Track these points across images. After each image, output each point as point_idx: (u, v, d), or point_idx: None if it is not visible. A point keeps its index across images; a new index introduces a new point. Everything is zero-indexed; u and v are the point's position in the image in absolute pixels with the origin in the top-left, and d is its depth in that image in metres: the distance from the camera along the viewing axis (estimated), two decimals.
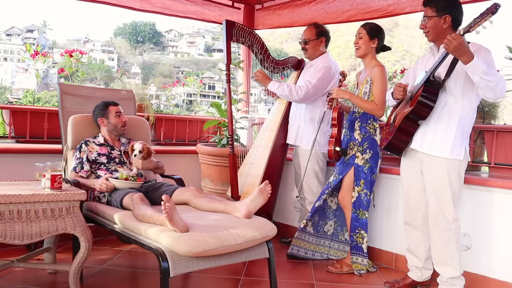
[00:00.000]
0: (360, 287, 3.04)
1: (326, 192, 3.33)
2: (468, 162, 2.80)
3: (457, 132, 2.66)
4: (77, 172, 3.01)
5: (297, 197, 3.49)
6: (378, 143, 3.19)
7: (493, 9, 2.32)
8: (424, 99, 2.64)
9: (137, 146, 3.09)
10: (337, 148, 3.20)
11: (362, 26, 3.25)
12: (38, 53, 4.18)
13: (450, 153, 2.66)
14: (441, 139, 2.68)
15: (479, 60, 2.43)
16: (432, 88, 2.64)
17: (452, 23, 2.68)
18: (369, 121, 3.20)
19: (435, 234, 2.77)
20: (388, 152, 3.01)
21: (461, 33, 2.43)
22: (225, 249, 2.29)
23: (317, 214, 3.41)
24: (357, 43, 3.24)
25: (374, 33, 3.19)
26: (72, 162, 3.07)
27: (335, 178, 3.29)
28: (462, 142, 2.68)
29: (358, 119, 3.23)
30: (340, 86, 3.26)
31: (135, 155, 3.07)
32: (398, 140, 2.83)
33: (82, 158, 3.04)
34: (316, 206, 3.33)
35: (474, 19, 2.39)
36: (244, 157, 3.76)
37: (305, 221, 3.40)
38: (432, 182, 2.75)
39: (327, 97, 3.29)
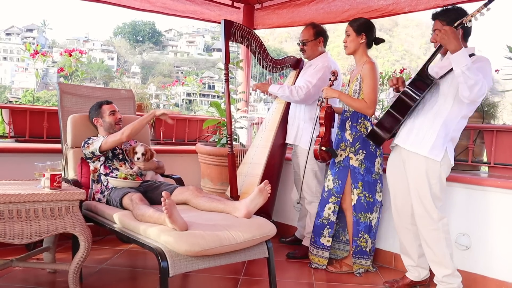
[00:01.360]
0: (360, 286, 3.05)
1: (330, 201, 3.26)
2: (452, 167, 2.79)
3: (440, 132, 2.65)
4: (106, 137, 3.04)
5: (298, 203, 3.48)
6: (371, 142, 3.18)
7: (487, 3, 2.36)
8: (409, 90, 2.65)
9: (140, 149, 3.08)
10: (323, 148, 3.18)
11: (349, 23, 3.23)
12: (38, 53, 4.18)
13: (429, 152, 2.66)
14: (423, 137, 2.70)
15: (466, 55, 2.44)
16: (420, 81, 2.64)
17: (464, 34, 2.67)
18: (360, 121, 3.19)
19: (425, 234, 2.78)
20: (371, 142, 3.01)
21: (455, 24, 2.47)
22: (224, 249, 2.29)
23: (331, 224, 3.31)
24: (345, 42, 3.23)
25: (361, 29, 3.16)
26: (94, 144, 3.00)
27: (335, 184, 3.24)
28: (443, 144, 2.67)
29: (349, 119, 3.21)
30: (330, 85, 3.25)
31: (138, 158, 3.07)
32: (380, 128, 2.81)
33: (96, 138, 3.06)
34: (334, 220, 3.27)
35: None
36: (244, 157, 3.76)
37: (329, 239, 3.29)
38: (413, 181, 2.77)
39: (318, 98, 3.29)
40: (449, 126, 2.67)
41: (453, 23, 2.62)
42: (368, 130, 3.13)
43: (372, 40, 3.23)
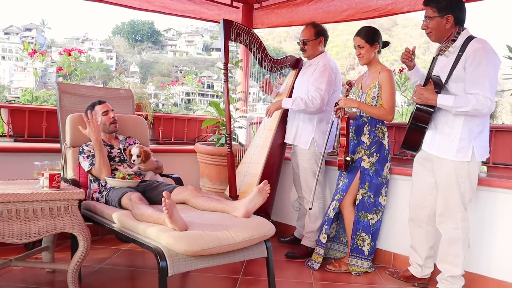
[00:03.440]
0: (358, 286, 3.05)
1: (335, 198, 3.28)
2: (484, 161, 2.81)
3: (463, 134, 2.64)
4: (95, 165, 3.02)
5: (310, 209, 3.46)
6: (386, 147, 3.20)
7: (452, 37, 2.48)
8: (422, 106, 2.69)
9: (134, 151, 3.07)
10: (348, 158, 3.18)
11: (357, 35, 3.19)
12: (36, 52, 4.17)
13: (456, 156, 2.65)
14: (447, 142, 2.68)
15: (444, 98, 2.57)
16: None
17: (455, 22, 2.65)
18: (377, 125, 3.21)
19: (442, 232, 2.79)
20: (406, 150, 3.04)
21: (434, 55, 2.54)
22: (223, 248, 2.29)
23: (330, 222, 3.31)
24: (359, 54, 3.20)
25: (373, 38, 3.16)
26: (85, 164, 3.04)
27: (343, 183, 3.27)
28: (470, 143, 2.64)
29: (367, 124, 3.23)
30: (347, 95, 3.25)
31: (133, 161, 3.06)
32: (410, 141, 2.87)
33: (90, 155, 3.04)
34: (332, 216, 3.27)
35: (441, 44, 2.56)
36: (243, 156, 3.76)
37: (325, 235, 3.29)
38: (441, 181, 2.76)
39: (335, 106, 3.27)
40: (471, 123, 2.64)
41: (443, 10, 2.64)
42: (385, 135, 3.21)
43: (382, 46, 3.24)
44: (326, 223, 3.30)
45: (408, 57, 2.83)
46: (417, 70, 2.96)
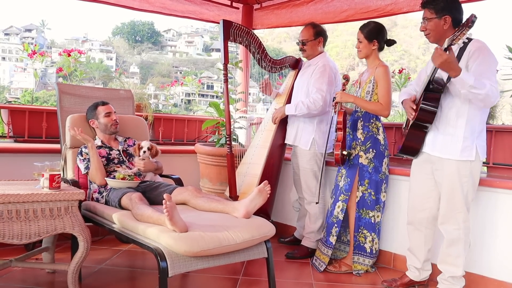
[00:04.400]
0: (359, 286, 3.05)
1: (340, 199, 3.25)
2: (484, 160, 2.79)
3: (466, 133, 2.63)
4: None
5: (316, 203, 3.47)
6: (381, 142, 3.19)
7: (470, 23, 2.37)
8: (426, 106, 2.66)
9: (145, 143, 3.10)
10: (344, 152, 3.18)
11: (360, 29, 3.22)
12: (36, 53, 4.18)
13: (460, 155, 2.64)
14: (451, 142, 2.67)
15: (467, 74, 2.44)
16: (432, 93, 2.64)
17: (453, 23, 2.66)
18: (371, 120, 3.20)
19: (444, 233, 2.79)
20: (404, 155, 2.99)
21: (445, 45, 2.46)
22: (223, 249, 2.29)
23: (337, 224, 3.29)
24: (358, 47, 3.24)
25: (372, 35, 3.17)
26: (81, 166, 3.06)
27: (345, 182, 3.25)
28: (473, 142, 2.64)
29: (361, 119, 3.23)
30: (343, 89, 3.25)
31: (144, 152, 3.07)
32: (410, 144, 2.84)
33: (87, 158, 3.04)
34: (341, 218, 3.25)
35: (454, 33, 2.44)
36: (243, 157, 3.76)
37: (335, 237, 3.27)
38: (443, 182, 2.75)
39: (332, 101, 3.27)
40: (473, 122, 2.64)
41: (441, 11, 2.64)
42: (379, 130, 3.19)
43: (384, 42, 3.24)
44: (335, 225, 3.26)
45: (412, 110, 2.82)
46: (409, 94, 2.97)
